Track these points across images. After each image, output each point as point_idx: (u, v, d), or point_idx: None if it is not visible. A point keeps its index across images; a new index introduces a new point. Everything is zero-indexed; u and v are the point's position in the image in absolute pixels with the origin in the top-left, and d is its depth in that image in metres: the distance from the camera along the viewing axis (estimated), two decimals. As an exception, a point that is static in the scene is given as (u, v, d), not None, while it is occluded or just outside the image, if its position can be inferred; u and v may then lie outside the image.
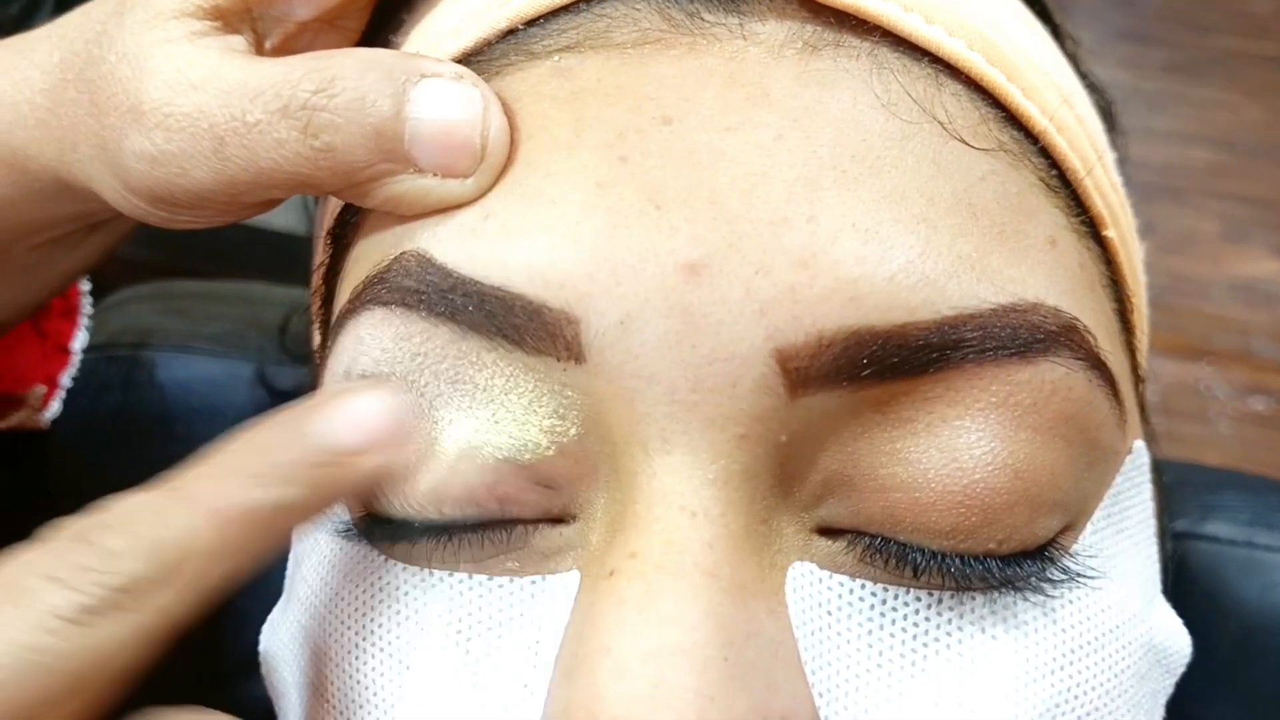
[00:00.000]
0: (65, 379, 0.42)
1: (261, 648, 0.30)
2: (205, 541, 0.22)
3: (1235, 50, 1.92)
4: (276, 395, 0.43)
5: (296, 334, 0.43)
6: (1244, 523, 0.43)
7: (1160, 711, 0.29)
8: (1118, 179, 0.30)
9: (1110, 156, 0.30)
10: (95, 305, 0.43)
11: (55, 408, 0.42)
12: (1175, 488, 0.45)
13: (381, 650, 0.26)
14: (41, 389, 0.42)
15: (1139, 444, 0.29)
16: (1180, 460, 0.47)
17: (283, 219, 0.39)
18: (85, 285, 0.43)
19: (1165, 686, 0.30)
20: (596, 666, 0.22)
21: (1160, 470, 0.32)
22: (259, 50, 0.28)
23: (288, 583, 0.30)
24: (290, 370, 0.43)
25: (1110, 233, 0.28)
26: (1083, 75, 0.32)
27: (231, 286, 0.50)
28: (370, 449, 0.24)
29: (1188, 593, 0.43)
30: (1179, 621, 0.30)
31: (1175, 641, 0.30)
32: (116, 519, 0.22)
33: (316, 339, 0.32)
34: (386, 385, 0.25)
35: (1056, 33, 0.32)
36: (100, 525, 0.22)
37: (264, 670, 0.30)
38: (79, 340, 0.43)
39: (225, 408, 0.44)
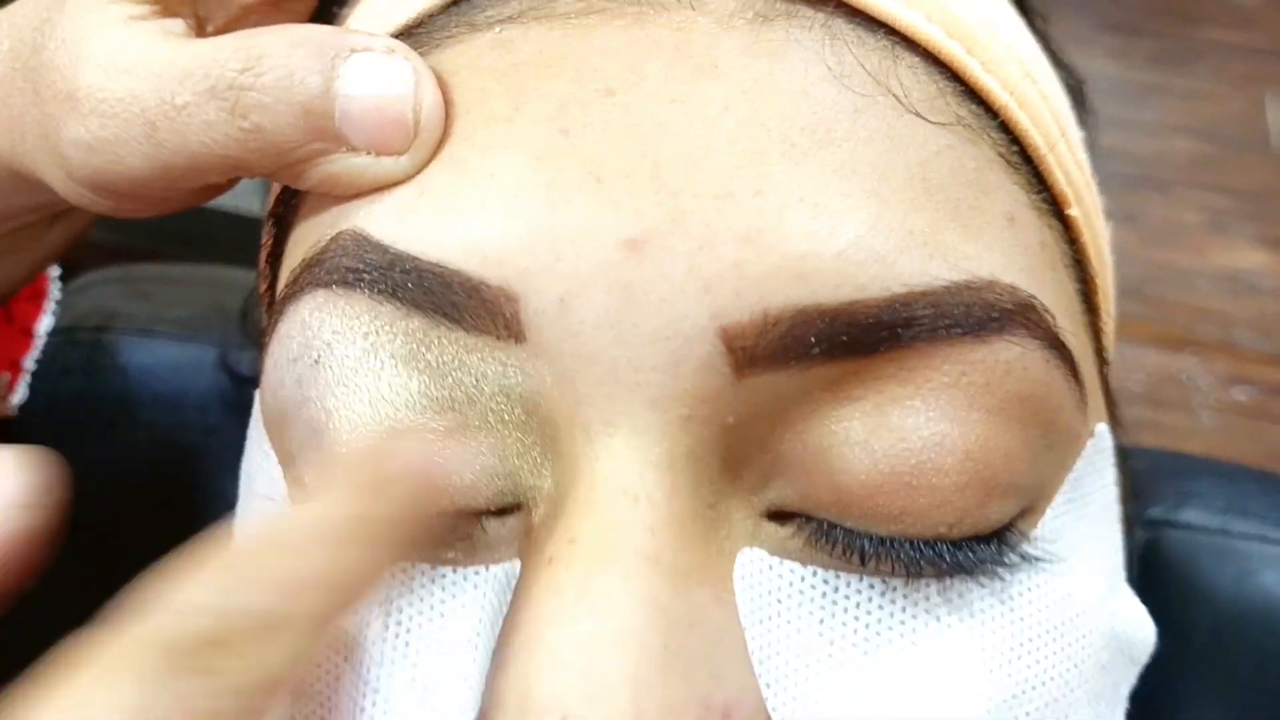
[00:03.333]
0: (29, 362, 0.42)
1: None
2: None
3: (1222, 42, 1.93)
4: (239, 381, 0.42)
5: (257, 319, 0.42)
6: (1218, 510, 0.43)
7: (1123, 703, 0.29)
8: (1084, 157, 0.29)
9: (1076, 134, 0.30)
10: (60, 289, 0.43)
11: (22, 393, 0.42)
12: (1149, 475, 0.45)
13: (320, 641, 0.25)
14: (5, 376, 0.41)
15: (1101, 427, 0.28)
16: (1155, 448, 0.47)
17: (249, 202, 0.38)
18: (54, 270, 0.43)
19: (1128, 676, 0.29)
20: (530, 656, 0.22)
21: (1128, 456, 0.31)
22: (200, 35, 0.27)
23: None
24: (254, 355, 0.43)
25: (1073, 211, 0.27)
26: (1051, 53, 0.32)
27: (195, 270, 0.49)
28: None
29: (1162, 580, 0.43)
30: (1143, 610, 0.30)
31: (1139, 631, 0.29)
32: (234, 632, 0.19)
33: (265, 321, 0.31)
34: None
35: (1024, 7, 0.31)
36: (216, 635, 0.19)
37: None
38: (44, 324, 0.42)
39: (189, 392, 0.44)
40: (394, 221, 0.24)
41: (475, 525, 0.24)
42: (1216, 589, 0.42)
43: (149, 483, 0.43)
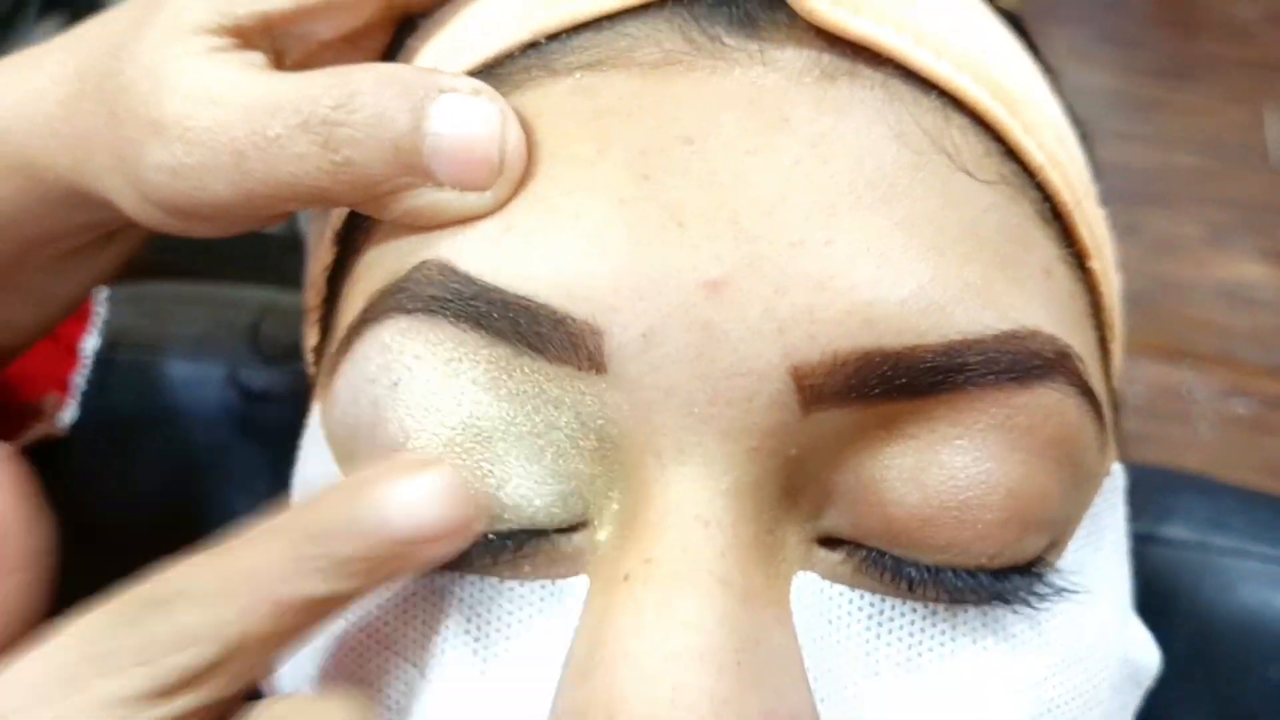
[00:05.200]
0: (78, 380, 0.43)
1: None
2: (263, 628, 0.23)
3: (1221, 55, 1.93)
4: (249, 398, 0.43)
5: (269, 336, 0.43)
6: (1199, 525, 0.44)
7: None
8: (1101, 212, 0.31)
9: (1094, 190, 0.31)
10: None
11: (72, 411, 0.43)
12: (1131, 490, 0.46)
13: (390, 650, 0.26)
14: (55, 396, 0.42)
15: (1117, 467, 0.30)
16: (1137, 463, 0.47)
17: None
18: (103, 290, 0.44)
19: (1135, 699, 0.31)
20: (615, 668, 0.23)
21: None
22: (278, 67, 0.28)
23: None
24: (263, 372, 0.44)
25: (1095, 264, 0.29)
26: (1070, 110, 0.33)
27: (203, 289, 0.50)
28: (429, 540, 0.24)
29: (1143, 595, 0.44)
30: (1150, 636, 0.32)
31: (1146, 656, 0.31)
32: (186, 594, 0.23)
33: (313, 337, 0.32)
34: (440, 465, 0.24)
35: (1046, 69, 0.33)
36: (171, 597, 0.23)
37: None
38: (90, 343, 0.43)
39: (199, 409, 0.45)
40: (480, 254, 0.25)
41: (545, 541, 0.25)
42: (1197, 603, 0.43)
43: (158, 499, 0.44)
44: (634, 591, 0.24)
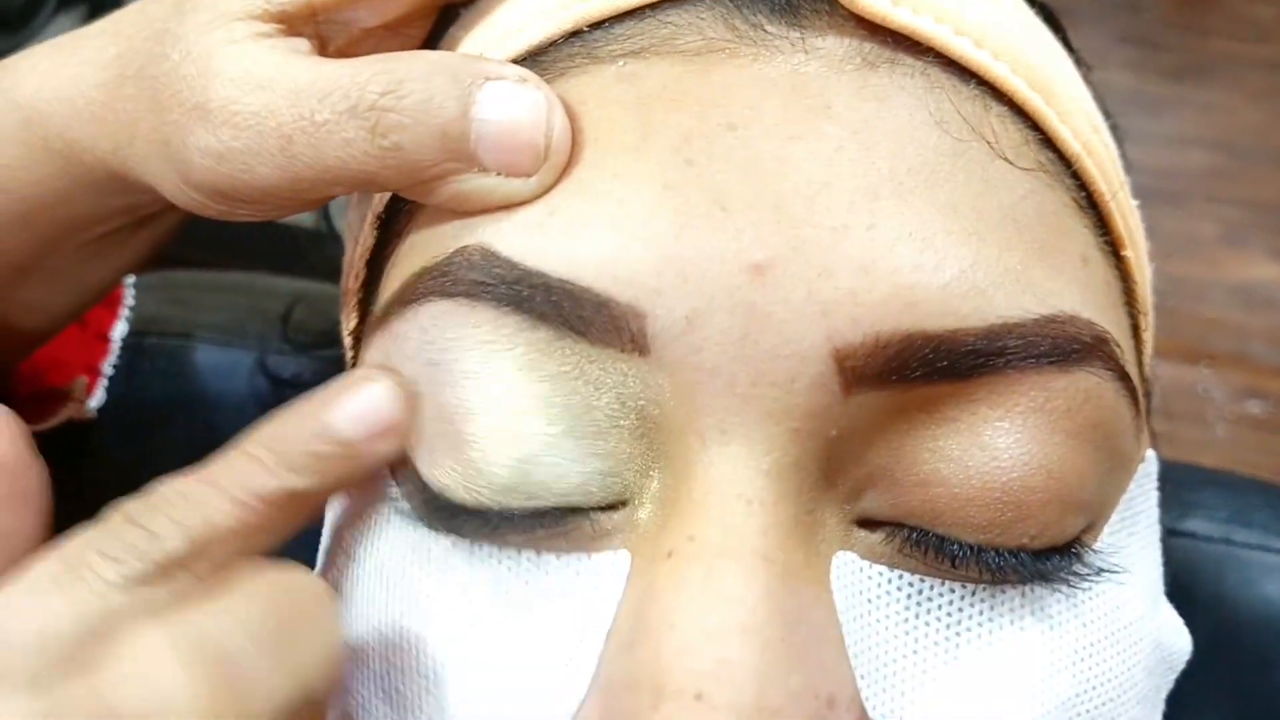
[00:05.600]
0: (106, 367, 0.43)
1: None
2: (229, 524, 0.25)
3: (1237, 54, 1.92)
4: (278, 384, 0.43)
5: (299, 323, 0.44)
6: (1222, 520, 0.44)
7: (1161, 705, 0.31)
8: (1134, 203, 0.31)
9: (1127, 181, 0.32)
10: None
11: (100, 396, 0.43)
12: (1155, 485, 0.46)
13: (427, 619, 0.27)
14: (83, 380, 0.42)
15: (1150, 453, 0.30)
16: (1161, 459, 0.47)
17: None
18: (130, 276, 0.44)
19: (1167, 681, 0.31)
20: (661, 641, 0.23)
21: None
22: (322, 54, 0.28)
23: (324, 553, 0.31)
24: (291, 359, 0.44)
25: (1129, 253, 0.29)
26: (1103, 105, 0.33)
27: (233, 277, 0.50)
28: (372, 438, 0.26)
29: (1166, 589, 0.44)
30: (1180, 621, 0.32)
31: (1178, 640, 0.31)
32: (159, 503, 0.25)
33: (352, 321, 0.33)
34: (389, 374, 0.27)
35: (1079, 63, 0.33)
36: (146, 508, 0.25)
37: None
38: (119, 329, 0.44)
39: (227, 396, 0.45)
40: (523, 239, 0.25)
41: (584, 519, 0.26)
42: (1219, 597, 0.43)
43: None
44: (678, 567, 0.24)
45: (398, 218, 0.30)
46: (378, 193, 0.28)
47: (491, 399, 0.26)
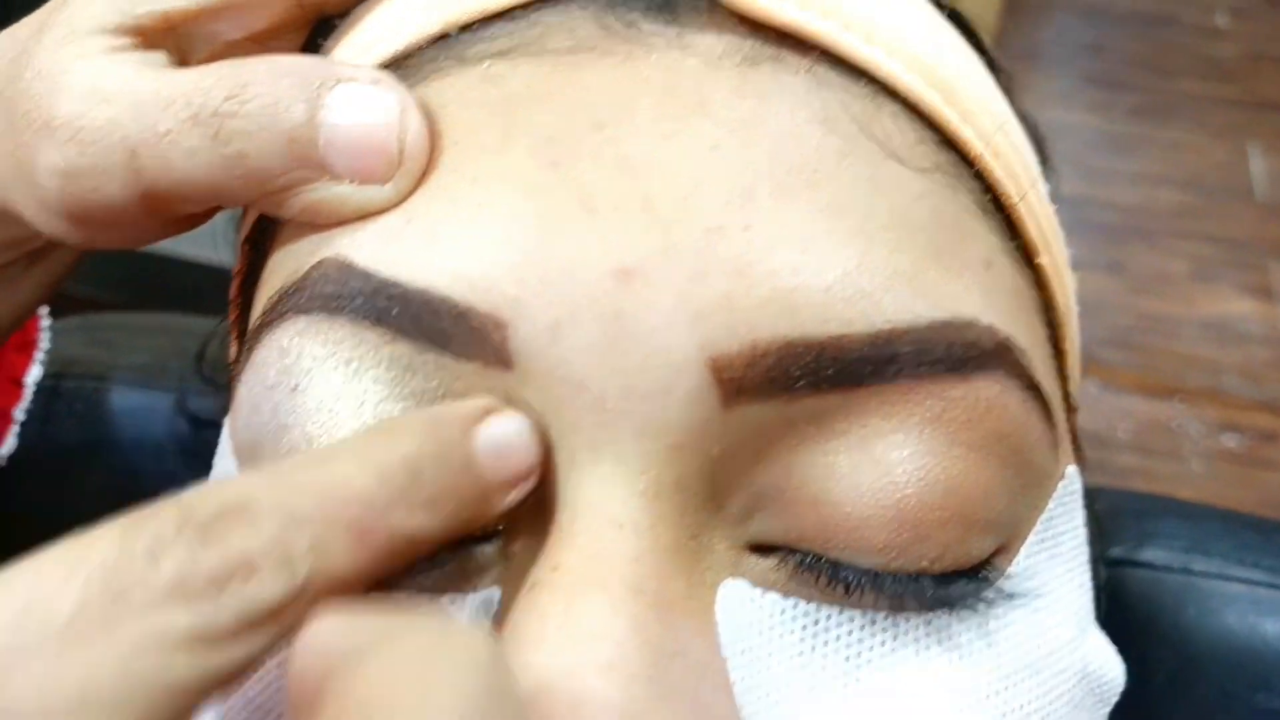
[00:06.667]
0: (19, 413, 0.42)
1: None
2: (339, 564, 0.19)
3: (1201, 94, 1.95)
4: (198, 425, 0.42)
5: (214, 360, 0.42)
6: (1180, 549, 0.43)
7: None
8: (1050, 209, 0.30)
9: (1043, 187, 0.30)
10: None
11: (11, 443, 0.42)
12: (1112, 514, 0.45)
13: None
14: None
15: (1071, 469, 0.28)
16: (1116, 488, 0.46)
17: (207, 251, 0.39)
18: (46, 321, 0.43)
19: (1099, 716, 0.29)
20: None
21: (1093, 497, 0.31)
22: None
23: None
24: (211, 399, 0.43)
25: (1043, 260, 0.28)
26: (1017, 109, 0.32)
27: (155, 317, 0.49)
28: (512, 485, 0.23)
29: (1124, 619, 0.43)
30: (1113, 649, 0.30)
31: (1109, 670, 0.29)
32: (246, 509, 0.18)
33: (233, 350, 0.31)
34: (513, 411, 0.23)
35: (992, 65, 0.32)
36: (224, 512, 0.18)
37: None
38: (33, 374, 0.42)
39: (145, 438, 0.44)
40: (379, 248, 0.24)
41: (460, 551, 0.24)
42: (1178, 627, 0.41)
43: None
44: (538, 601, 0.22)
45: (264, 238, 0.28)
46: (231, 207, 0.27)
47: (356, 422, 0.24)
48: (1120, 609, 0.41)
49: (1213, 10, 2.07)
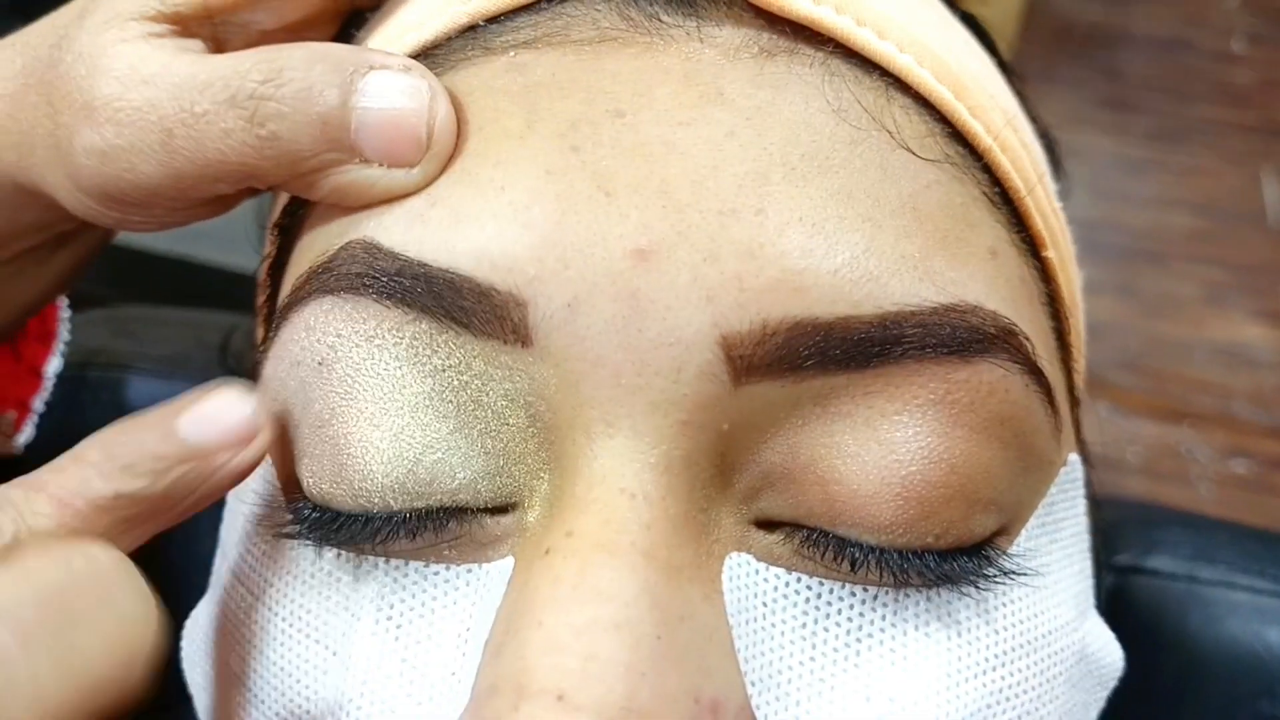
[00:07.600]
0: (37, 403, 0.42)
1: (183, 646, 0.30)
2: (46, 525, 0.23)
3: (1215, 119, 1.95)
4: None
5: (237, 351, 0.43)
6: (1186, 557, 0.43)
7: None
8: (1058, 205, 0.31)
9: (1051, 184, 0.31)
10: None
11: (29, 433, 0.42)
12: (1118, 523, 0.45)
13: (308, 637, 0.26)
14: (12, 415, 0.41)
15: (1073, 456, 0.29)
16: (1121, 497, 0.47)
17: (232, 257, 0.39)
18: (65, 311, 0.43)
19: (1097, 698, 0.30)
20: (527, 640, 0.22)
21: (1099, 504, 0.32)
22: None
23: (213, 578, 0.30)
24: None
25: (1049, 253, 0.29)
26: (1028, 108, 0.33)
27: (180, 311, 0.50)
28: (224, 446, 0.25)
29: (1129, 626, 0.43)
30: (1111, 634, 0.30)
31: (1107, 653, 0.30)
32: (8, 496, 0.23)
33: (260, 333, 0.32)
34: (237, 387, 0.25)
35: (1003, 66, 0.33)
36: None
37: (185, 668, 0.30)
38: (53, 365, 0.43)
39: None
40: (404, 230, 0.25)
41: (473, 522, 0.25)
42: (1183, 635, 0.42)
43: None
44: (553, 564, 0.23)
45: (293, 222, 0.29)
46: (265, 190, 0.28)
47: (378, 395, 0.25)
48: (1126, 616, 0.41)
49: (1229, 35, 2.07)
